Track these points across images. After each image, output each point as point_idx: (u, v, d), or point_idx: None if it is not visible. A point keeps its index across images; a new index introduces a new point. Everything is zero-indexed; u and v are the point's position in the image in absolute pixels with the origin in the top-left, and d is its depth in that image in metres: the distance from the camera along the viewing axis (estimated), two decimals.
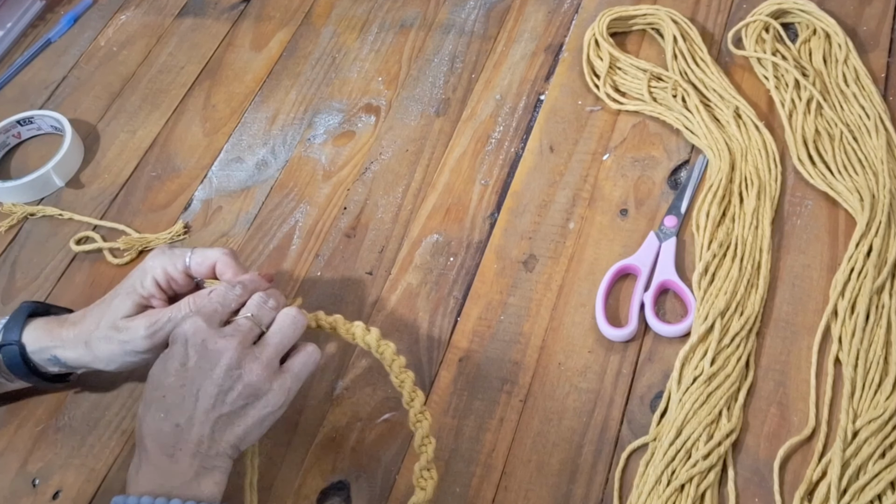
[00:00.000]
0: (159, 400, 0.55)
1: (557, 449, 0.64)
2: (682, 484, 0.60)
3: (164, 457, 0.53)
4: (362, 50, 0.95)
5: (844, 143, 0.76)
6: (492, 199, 0.79)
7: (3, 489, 0.68)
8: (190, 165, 0.88)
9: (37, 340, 0.64)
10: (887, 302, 0.67)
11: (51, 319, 0.66)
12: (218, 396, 0.55)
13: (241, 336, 0.57)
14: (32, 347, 0.64)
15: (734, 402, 0.64)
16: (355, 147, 0.86)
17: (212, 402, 0.55)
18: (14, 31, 1.05)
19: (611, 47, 0.85)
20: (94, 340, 0.62)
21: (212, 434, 0.55)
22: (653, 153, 0.80)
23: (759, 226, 0.72)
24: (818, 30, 0.84)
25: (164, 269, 0.63)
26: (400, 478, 0.64)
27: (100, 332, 0.62)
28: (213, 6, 1.04)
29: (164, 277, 0.63)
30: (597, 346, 0.69)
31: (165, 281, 0.63)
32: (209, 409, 0.55)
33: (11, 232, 0.86)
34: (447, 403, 0.67)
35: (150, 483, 0.53)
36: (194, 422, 0.54)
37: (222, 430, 0.55)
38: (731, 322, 0.67)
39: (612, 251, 0.74)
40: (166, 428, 0.54)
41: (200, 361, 0.55)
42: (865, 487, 0.59)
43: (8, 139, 0.92)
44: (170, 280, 0.63)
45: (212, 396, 0.55)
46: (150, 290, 0.63)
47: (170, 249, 0.64)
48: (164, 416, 0.54)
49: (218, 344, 0.56)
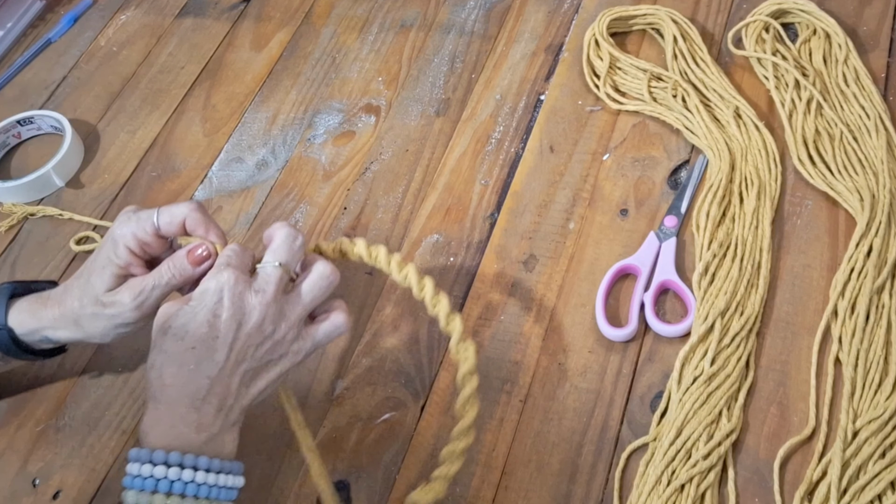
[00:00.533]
0: (187, 351, 0.53)
1: (557, 449, 0.64)
2: (682, 484, 0.60)
3: (191, 409, 0.52)
4: (362, 50, 0.95)
5: (844, 143, 0.76)
6: (492, 199, 0.79)
7: (3, 489, 0.68)
8: (190, 165, 0.88)
9: (24, 324, 0.63)
10: (887, 302, 0.67)
11: (32, 299, 0.64)
12: (248, 351, 0.54)
13: (274, 289, 0.55)
14: (21, 331, 0.63)
15: (734, 402, 0.64)
16: (355, 147, 0.86)
17: (243, 356, 0.54)
18: (14, 30, 1.05)
19: (611, 47, 0.85)
20: (83, 319, 0.61)
21: (238, 389, 0.54)
22: (653, 153, 0.80)
23: (759, 226, 0.72)
24: (818, 30, 0.84)
25: (133, 234, 0.60)
26: (400, 478, 0.65)
27: (85, 309, 0.60)
28: (213, 6, 1.04)
29: (137, 243, 0.60)
30: (597, 346, 0.69)
31: (139, 247, 0.60)
32: (240, 363, 0.54)
33: (11, 232, 0.86)
34: (447, 403, 0.67)
35: (170, 437, 0.51)
36: (223, 375, 0.53)
37: (247, 385, 0.55)
38: (731, 322, 0.67)
39: (612, 251, 0.74)
40: (197, 380, 0.53)
41: (236, 314, 0.54)
42: (865, 487, 0.59)
43: (8, 139, 0.92)
44: (142, 245, 0.60)
45: (243, 351, 0.54)
46: (125, 259, 0.60)
47: (135, 213, 0.61)
48: (193, 368, 0.53)
49: (253, 299, 0.55)
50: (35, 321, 0.63)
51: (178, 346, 0.53)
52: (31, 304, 0.64)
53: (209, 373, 0.53)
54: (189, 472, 0.50)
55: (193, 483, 0.50)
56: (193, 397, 0.53)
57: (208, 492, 0.51)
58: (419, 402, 0.68)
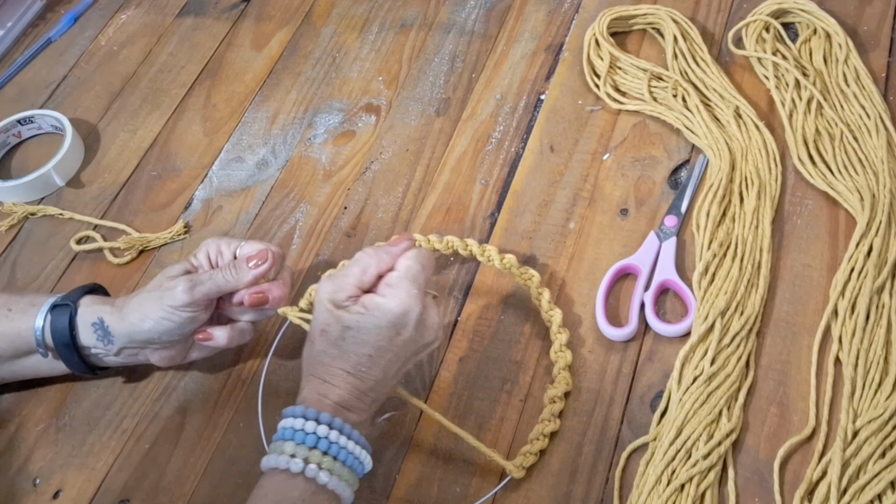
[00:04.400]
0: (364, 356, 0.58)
1: (558, 449, 0.64)
2: (682, 483, 0.60)
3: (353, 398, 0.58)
4: (362, 49, 0.95)
5: (845, 142, 0.76)
6: (492, 199, 0.80)
7: (3, 488, 0.68)
8: (190, 165, 0.88)
9: (89, 304, 0.67)
10: (887, 301, 0.67)
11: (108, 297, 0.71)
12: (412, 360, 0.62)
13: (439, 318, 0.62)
14: (83, 309, 0.67)
15: (734, 401, 0.64)
16: (356, 147, 0.86)
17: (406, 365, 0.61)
18: (14, 30, 1.05)
19: (611, 47, 0.85)
20: (137, 299, 0.66)
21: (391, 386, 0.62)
22: (653, 153, 0.80)
23: (759, 225, 0.72)
24: (818, 29, 0.84)
25: (218, 247, 0.68)
26: (400, 477, 0.65)
27: (144, 292, 0.66)
28: (213, 6, 1.04)
29: (216, 252, 0.68)
30: (597, 346, 0.69)
31: (216, 255, 0.68)
32: (401, 370, 0.61)
33: (12, 231, 0.86)
34: (447, 403, 0.68)
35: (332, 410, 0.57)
36: (387, 380, 0.60)
37: (397, 380, 0.62)
38: (732, 322, 0.67)
39: (612, 251, 0.74)
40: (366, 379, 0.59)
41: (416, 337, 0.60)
42: (865, 487, 0.59)
43: (8, 138, 0.92)
44: (219, 255, 0.68)
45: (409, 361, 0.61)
46: (201, 261, 0.68)
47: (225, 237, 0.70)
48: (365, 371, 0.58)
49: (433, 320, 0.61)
50: (100, 302, 0.68)
51: (356, 348, 0.58)
52: (101, 298, 0.70)
53: (377, 376, 0.59)
54: (344, 439, 0.56)
55: (345, 450, 0.56)
56: (358, 389, 0.58)
57: (352, 462, 0.57)
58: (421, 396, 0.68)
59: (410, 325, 0.59)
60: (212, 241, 0.69)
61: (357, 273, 0.61)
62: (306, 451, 0.55)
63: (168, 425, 0.70)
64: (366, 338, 0.58)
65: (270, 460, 0.55)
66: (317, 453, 0.55)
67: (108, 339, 0.66)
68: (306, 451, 0.55)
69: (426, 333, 0.61)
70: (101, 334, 0.66)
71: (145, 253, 0.81)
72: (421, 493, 0.64)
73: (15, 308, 0.67)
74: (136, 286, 0.79)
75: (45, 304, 0.67)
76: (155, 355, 0.68)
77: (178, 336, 0.66)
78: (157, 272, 0.79)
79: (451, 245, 0.71)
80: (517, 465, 0.62)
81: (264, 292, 0.66)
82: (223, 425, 0.69)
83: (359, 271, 0.61)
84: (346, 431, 0.56)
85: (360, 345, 0.58)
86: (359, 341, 0.58)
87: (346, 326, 0.58)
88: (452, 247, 0.72)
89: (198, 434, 0.69)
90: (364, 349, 0.58)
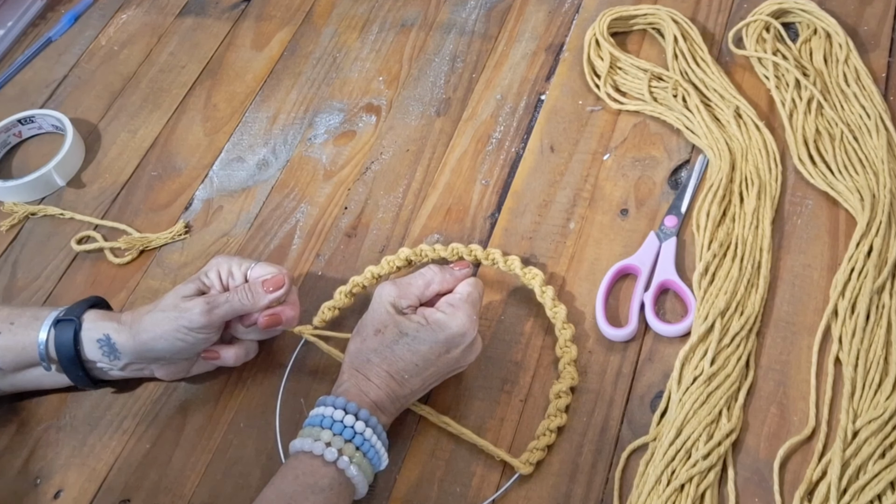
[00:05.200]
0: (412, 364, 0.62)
1: (557, 448, 0.64)
2: (682, 484, 0.60)
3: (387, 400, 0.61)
4: (363, 49, 0.95)
5: (845, 142, 0.76)
6: (492, 199, 0.80)
7: (4, 489, 0.68)
8: (191, 165, 0.88)
9: (94, 320, 0.67)
10: (887, 302, 0.67)
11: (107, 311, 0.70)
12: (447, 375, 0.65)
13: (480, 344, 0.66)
14: (88, 325, 0.67)
15: (734, 401, 0.64)
16: (356, 147, 0.86)
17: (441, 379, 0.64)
18: (15, 29, 1.05)
19: (611, 47, 0.85)
20: (150, 318, 0.65)
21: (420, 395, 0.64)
22: (653, 153, 0.80)
23: (759, 225, 0.72)
24: (819, 29, 0.84)
25: (229, 267, 0.68)
26: (400, 478, 0.65)
27: (157, 311, 0.66)
28: (213, 5, 1.04)
29: (227, 274, 0.68)
30: (597, 346, 0.69)
31: (227, 276, 0.68)
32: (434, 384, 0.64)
33: (13, 231, 0.86)
34: (448, 403, 0.68)
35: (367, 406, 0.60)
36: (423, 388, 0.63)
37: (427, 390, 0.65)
38: (732, 322, 0.67)
39: (612, 251, 0.74)
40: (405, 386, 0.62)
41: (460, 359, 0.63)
42: (865, 487, 0.59)
43: (9, 138, 0.93)
44: (230, 277, 0.68)
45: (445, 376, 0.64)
46: (212, 281, 0.68)
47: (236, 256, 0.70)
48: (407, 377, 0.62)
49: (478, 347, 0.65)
50: (105, 318, 0.67)
51: (407, 355, 0.62)
52: (106, 313, 0.69)
53: (415, 386, 0.62)
54: (375, 437, 0.59)
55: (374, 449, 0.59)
56: (395, 394, 0.62)
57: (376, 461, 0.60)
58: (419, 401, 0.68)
59: (462, 346, 0.63)
60: (222, 261, 0.69)
61: (421, 285, 0.65)
62: (342, 443, 0.58)
63: (168, 425, 0.70)
64: (419, 348, 0.62)
65: (305, 443, 0.58)
66: (351, 446, 0.58)
67: (114, 355, 0.67)
68: (342, 442, 0.58)
69: (469, 357, 0.64)
70: (106, 350, 0.66)
71: (146, 253, 0.81)
72: (421, 493, 0.64)
73: (17, 322, 0.67)
74: (136, 286, 0.79)
75: (48, 318, 0.67)
76: (161, 370, 0.69)
77: (189, 355, 0.67)
78: (158, 272, 0.79)
79: (457, 252, 0.72)
80: (524, 461, 0.63)
81: (278, 314, 0.67)
82: (223, 425, 0.69)
83: (423, 284, 0.65)
84: (378, 431, 0.59)
85: (411, 353, 0.61)
86: (411, 350, 0.62)
87: (403, 332, 0.62)
88: (458, 253, 0.72)
89: (198, 434, 0.69)
90: (413, 358, 0.61)
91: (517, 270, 0.71)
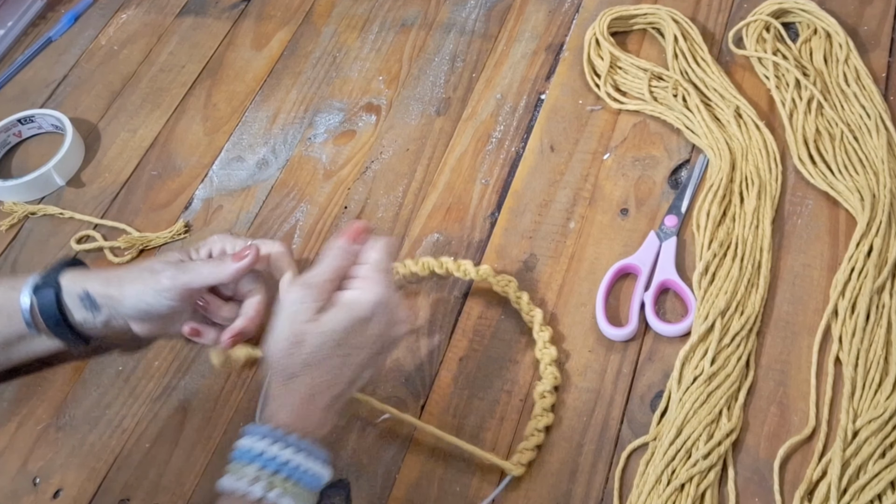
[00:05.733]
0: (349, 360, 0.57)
1: (557, 448, 0.64)
2: (682, 483, 0.60)
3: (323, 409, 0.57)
4: (363, 49, 0.95)
5: (845, 142, 0.76)
6: (492, 199, 0.80)
7: (3, 488, 0.68)
8: (191, 164, 0.88)
9: (72, 278, 0.67)
10: (888, 302, 0.67)
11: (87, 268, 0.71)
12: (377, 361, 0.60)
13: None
14: (67, 284, 0.67)
15: (734, 401, 0.64)
16: (356, 146, 0.86)
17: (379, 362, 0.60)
18: (15, 29, 1.05)
19: (611, 47, 0.85)
20: (126, 273, 0.67)
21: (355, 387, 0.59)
22: (653, 153, 0.80)
23: (759, 225, 0.72)
24: (819, 29, 0.84)
25: (223, 246, 0.68)
26: (400, 477, 0.65)
27: (134, 268, 0.67)
28: (213, 5, 1.04)
29: (219, 251, 0.68)
30: (597, 346, 0.69)
31: (219, 253, 0.68)
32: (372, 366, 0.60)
33: (12, 231, 0.86)
34: (448, 403, 0.68)
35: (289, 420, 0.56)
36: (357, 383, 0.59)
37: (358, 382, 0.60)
38: (732, 322, 0.67)
39: (612, 251, 0.74)
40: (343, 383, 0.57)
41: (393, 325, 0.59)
42: (865, 487, 0.59)
43: (9, 138, 0.92)
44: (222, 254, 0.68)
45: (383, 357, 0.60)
46: (201, 256, 0.68)
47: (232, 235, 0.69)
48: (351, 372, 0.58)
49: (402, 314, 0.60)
50: (83, 275, 0.68)
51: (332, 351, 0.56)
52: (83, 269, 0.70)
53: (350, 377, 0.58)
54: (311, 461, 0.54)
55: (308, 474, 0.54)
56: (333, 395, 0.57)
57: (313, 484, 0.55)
58: (419, 401, 0.68)
59: (385, 313, 0.58)
60: (218, 238, 0.69)
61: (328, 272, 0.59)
62: (269, 475, 0.53)
63: (168, 425, 0.70)
64: (341, 337, 0.57)
65: (231, 482, 0.53)
66: (279, 478, 0.53)
67: (95, 309, 0.67)
68: (269, 475, 0.53)
69: (398, 327, 0.59)
70: (87, 304, 0.67)
71: (146, 252, 0.81)
72: (421, 493, 0.64)
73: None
74: None
75: (27, 284, 0.67)
76: (136, 325, 0.68)
77: (157, 317, 0.67)
78: None
79: (428, 266, 0.73)
80: (515, 462, 0.63)
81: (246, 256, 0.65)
82: (223, 425, 0.69)
83: (331, 271, 0.59)
84: (311, 451, 0.55)
85: (335, 346, 0.57)
86: (335, 341, 0.57)
87: (322, 331, 0.56)
88: (429, 268, 0.73)
89: (198, 434, 0.69)
90: (339, 350, 0.57)
91: (490, 279, 0.71)
